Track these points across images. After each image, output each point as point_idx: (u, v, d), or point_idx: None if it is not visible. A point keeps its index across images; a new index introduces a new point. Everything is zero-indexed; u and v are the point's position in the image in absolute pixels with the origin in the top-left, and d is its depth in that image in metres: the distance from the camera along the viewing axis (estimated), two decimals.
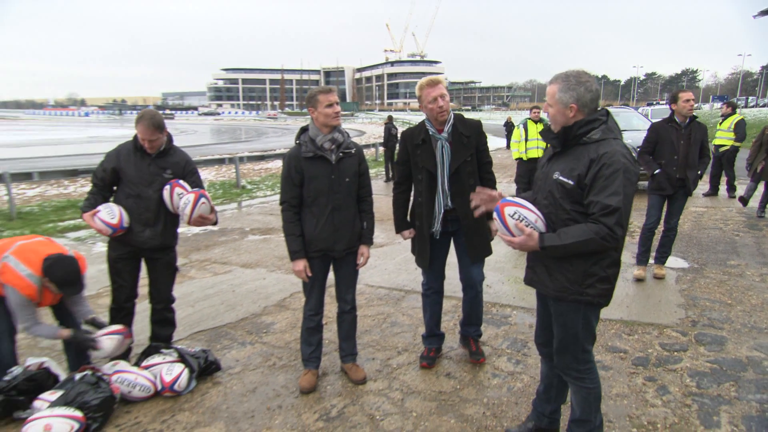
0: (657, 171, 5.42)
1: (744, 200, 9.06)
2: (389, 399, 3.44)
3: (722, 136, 10.86)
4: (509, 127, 24.16)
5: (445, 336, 4.11)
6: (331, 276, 3.65)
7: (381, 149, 17.52)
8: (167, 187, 3.64)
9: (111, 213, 3.55)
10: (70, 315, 3.63)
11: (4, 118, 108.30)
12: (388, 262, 6.53)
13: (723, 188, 11.11)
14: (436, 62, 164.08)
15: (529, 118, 9.65)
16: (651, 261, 5.94)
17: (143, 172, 3.64)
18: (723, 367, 3.79)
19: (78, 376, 3.33)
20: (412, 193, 3.77)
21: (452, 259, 3.81)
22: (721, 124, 11.01)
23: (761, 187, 9.14)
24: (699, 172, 5.62)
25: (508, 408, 3.32)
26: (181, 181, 3.70)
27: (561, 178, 2.40)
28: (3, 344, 3.45)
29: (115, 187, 3.73)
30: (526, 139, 9.41)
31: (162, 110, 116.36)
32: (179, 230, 3.95)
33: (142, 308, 4.05)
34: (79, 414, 3.07)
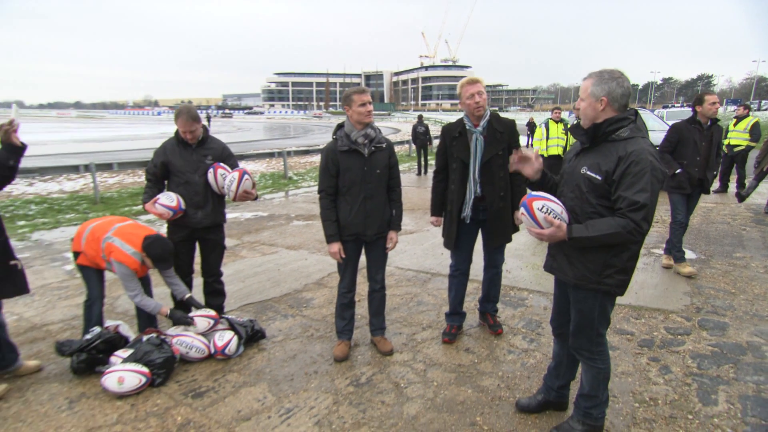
0: (678, 170, 5.03)
1: (741, 197, 8.51)
2: (413, 369, 3.44)
3: (737, 137, 10.30)
4: (531, 126, 23.72)
5: (467, 315, 4.07)
6: (363, 258, 3.65)
7: (414, 146, 17.38)
8: (210, 170, 3.73)
9: (169, 198, 3.66)
10: (148, 285, 3.77)
11: (93, 117, 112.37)
12: (417, 248, 6.50)
13: (732, 186, 10.61)
14: (466, 67, 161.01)
15: (551, 118, 9.44)
16: (662, 252, 5.75)
17: (188, 161, 3.73)
18: (723, 350, 3.66)
19: (145, 337, 3.46)
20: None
21: (476, 245, 3.79)
22: (735, 125, 10.44)
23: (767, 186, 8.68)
24: (715, 172, 5.29)
25: (521, 381, 3.28)
26: (222, 164, 3.78)
27: (589, 173, 2.31)
28: (95, 307, 3.65)
29: (166, 181, 3.84)
30: (547, 137, 9.23)
31: (222, 110, 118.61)
32: (233, 215, 4.01)
33: (197, 282, 4.14)
34: (146, 370, 3.21)
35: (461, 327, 3.99)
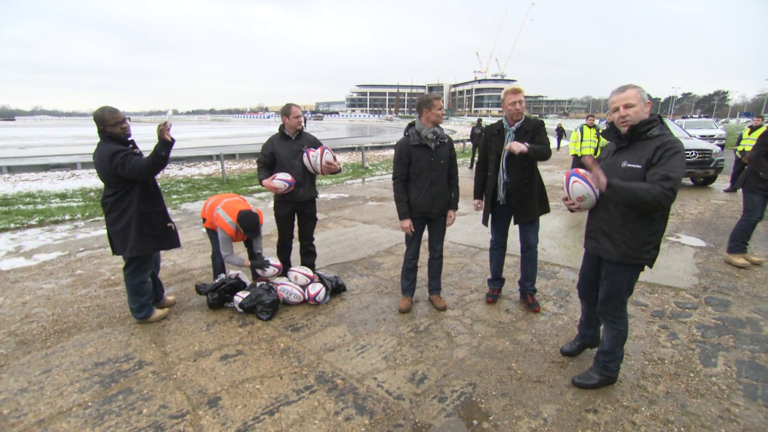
0: None
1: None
2: (462, 323, 3.41)
3: (750, 144, 9.18)
4: (560, 130, 22.34)
5: (505, 281, 3.95)
6: (425, 233, 3.63)
7: (468, 144, 16.86)
8: (304, 154, 3.82)
9: (285, 175, 3.76)
10: (252, 246, 3.95)
11: (222, 120, 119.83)
12: (468, 227, 6.37)
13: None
14: (513, 80, 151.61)
15: (585, 124, 8.88)
16: (674, 240, 5.22)
17: (290, 151, 3.83)
18: (725, 323, 3.37)
19: (258, 284, 3.67)
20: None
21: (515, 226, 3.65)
22: (750, 133, 9.26)
23: None
24: None
25: (550, 338, 3.17)
26: (311, 148, 3.86)
27: (630, 165, 2.23)
28: (217, 259, 3.92)
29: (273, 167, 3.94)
30: (581, 140, 8.70)
31: (314, 113, 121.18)
32: (323, 196, 4.09)
33: (295, 246, 4.27)
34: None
35: (501, 290, 3.89)
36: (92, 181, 11.31)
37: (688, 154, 9.55)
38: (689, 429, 2.24)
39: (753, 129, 9.29)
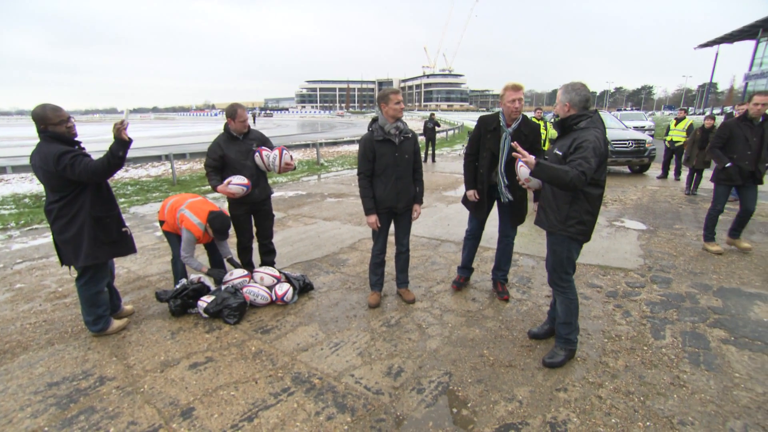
0: (728, 164, 4.53)
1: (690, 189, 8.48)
2: (432, 314, 3.46)
3: (677, 134, 10.10)
4: None
5: (473, 272, 4.04)
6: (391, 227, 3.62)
7: (421, 138, 16.89)
8: (256, 154, 3.70)
9: (241, 179, 3.61)
10: (216, 251, 3.79)
11: (165, 118, 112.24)
12: (428, 220, 6.45)
13: (670, 173, 10.54)
14: (460, 75, 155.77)
15: (534, 116, 9.26)
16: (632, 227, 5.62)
17: (240, 152, 3.69)
18: (669, 299, 3.70)
19: (223, 287, 3.50)
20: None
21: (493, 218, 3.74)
22: (675, 125, 10.20)
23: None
24: (767, 165, 4.63)
25: (517, 323, 3.29)
26: (264, 147, 3.76)
27: (557, 151, 2.55)
28: (178, 263, 3.69)
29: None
30: None
31: (264, 110, 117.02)
32: (279, 194, 3.97)
33: (254, 245, 4.14)
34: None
35: (468, 279, 3.98)
36: (26, 186, 10.25)
37: (625, 143, 10.29)
38: (647, 397, 2.42)
39: (678, 120, 10.21)
